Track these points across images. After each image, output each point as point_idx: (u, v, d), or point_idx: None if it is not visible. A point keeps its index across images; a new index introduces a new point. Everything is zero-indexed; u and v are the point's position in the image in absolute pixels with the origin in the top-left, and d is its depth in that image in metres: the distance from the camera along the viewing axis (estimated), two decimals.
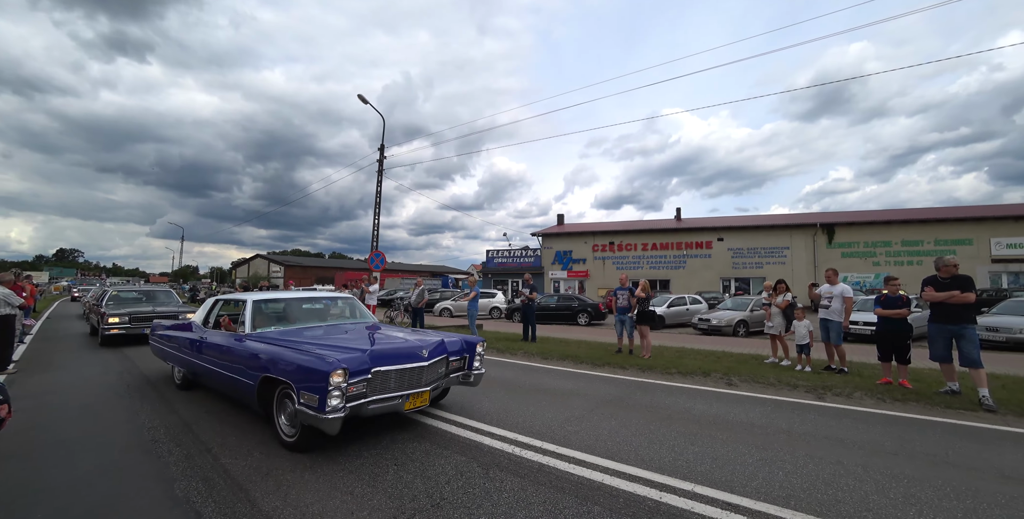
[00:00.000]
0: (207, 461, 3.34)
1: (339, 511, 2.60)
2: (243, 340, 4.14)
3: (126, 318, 9.42)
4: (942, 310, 5.12)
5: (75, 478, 3.08)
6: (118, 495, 2.82)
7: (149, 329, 9.25)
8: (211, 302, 5.37)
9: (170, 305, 11.10)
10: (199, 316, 5.31)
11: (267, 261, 61.40)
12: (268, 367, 3.57)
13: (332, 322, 5.05)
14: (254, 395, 3.71)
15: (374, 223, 17.48)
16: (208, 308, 5.28)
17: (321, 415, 3.05)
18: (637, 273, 28.43)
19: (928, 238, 24.07)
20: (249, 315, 4.43)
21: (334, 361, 3.18)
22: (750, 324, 12.95)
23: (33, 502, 2.74)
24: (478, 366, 4.44)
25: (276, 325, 4.62)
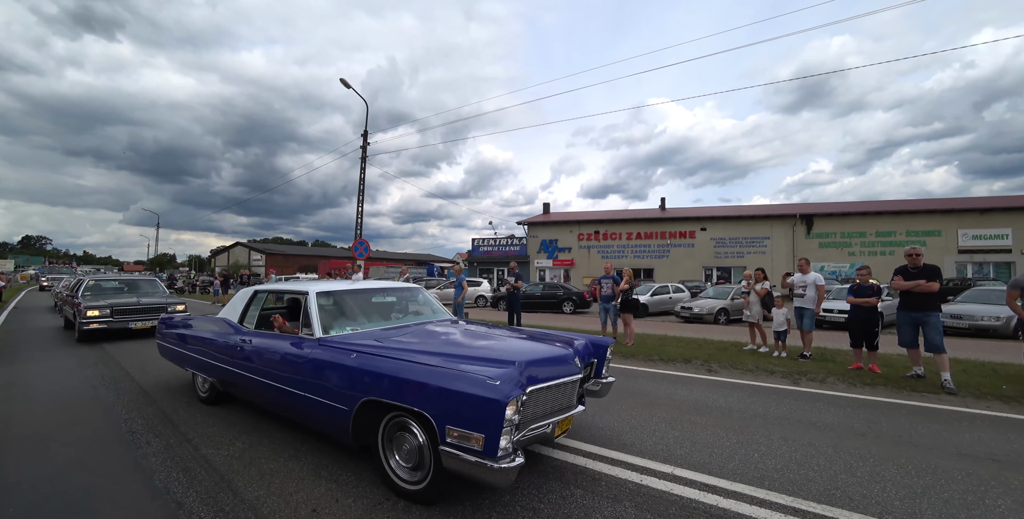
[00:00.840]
0: (187, 451, 3.30)
1: (324, 498, 2.61)
2: (319, 347, 3.16)
3: (107, 311, 8.42)
4: (909, 298, 5.34)
5: (49, 472, 3.00)
6: (95, 488, 2.77)
7: (148, 324, 8.46)
8: (247, 294, 4.34)
9: (156, 296, 10.06)
10: (232, 312, 4.30)
11: (248, 249, 59.95)
12: (373, 388, 2.64)
13: (417, 320, 4.03)
14: (347, 424, 2.77)
15: (358, 211, 17.19)
16: (246, 302, 4.25)
17: (490, 463, 2.14)
18: (622, 262, 28.74)
19: (900, 229, 24.88)
20: (316, 313, 3.42)
21: (505, 384, 2.25)
22: (731, 312, 13.28)
23: (4, 498, 2.67)
24: (605, 373, 3.57)
25: (352, 326, 3.58)
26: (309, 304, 3.51)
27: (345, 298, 3.99)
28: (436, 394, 2.38)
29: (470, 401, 2.24)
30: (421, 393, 2.43)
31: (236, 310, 4.28)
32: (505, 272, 31.25)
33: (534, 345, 3.14)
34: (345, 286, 4.19)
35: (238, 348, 3.80)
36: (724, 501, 2.55)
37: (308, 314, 3.47)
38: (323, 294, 3.72)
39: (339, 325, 3.54)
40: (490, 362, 2.59)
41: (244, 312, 4.21)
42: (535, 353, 2.90)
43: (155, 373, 5.82)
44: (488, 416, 2.18)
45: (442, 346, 3.12)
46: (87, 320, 8.16)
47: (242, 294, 4.44)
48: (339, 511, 2.48)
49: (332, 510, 2.49)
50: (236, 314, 4.24)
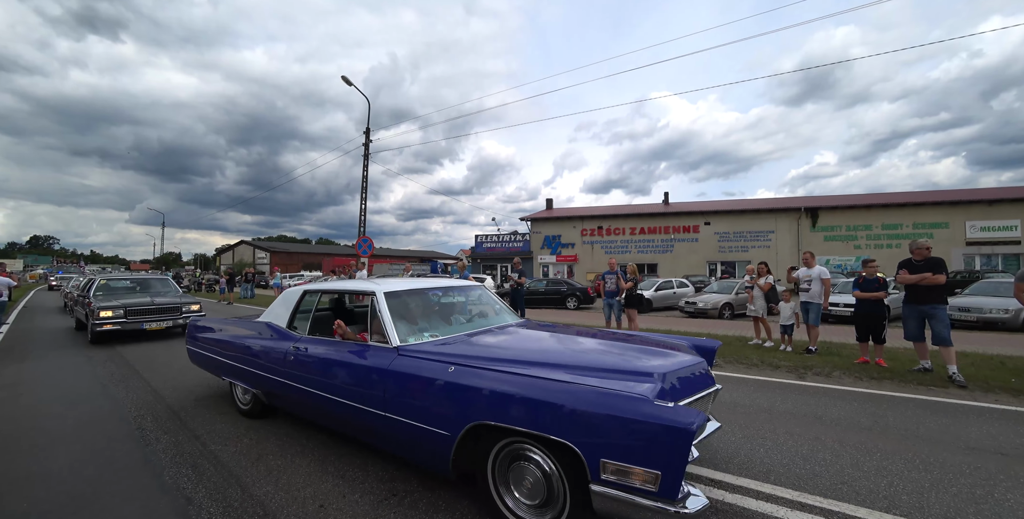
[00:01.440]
0: (196, 448, 3.33)
1: (331, 494, 2.63)
2: (400, 358, 2.71)
3: (120, 311, 8.08)
4: (915, 291, 5.29)
5: (59, 467, 3.05)
6: (105, 483, 2.81)
7: (163, 325, 8.30)
8: (295, 296, 3.85)
9: (169, 295, 9.69)
10: (278, 315, 3.85)
11: (252, 247, 60.31)
12: (486, 409, 2.18)
13: (490, 323, 3.55)
14: (446, 452, 2.31)
15: (361, 208, 17.21)
16: (294, 305, 3.77)
17: (673, 507, 1.72)
18: (625, 257, 28.66)
19: (907, 222, 24.64)
20: (389, 317, 2.98)
21: (682, 408, 1.86)
22: (735, 307, 13.23)
23: (14, 491, 2.71)
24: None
25: (429, 331, 3.15)
26: (379, 306, 3.04)
27: (416, 299, 3.50)
28: (583, 419, 1.90)
29: (640, 429, 1.77)
30: (559, 417, 1.96)
31: (283, 313, 3.81)
32: (508, 268, 31.25)
33: (663, 353, 2.71)
34: (410, 284, 3.63)
35: (290, 357, 3.32)
36: (730, 496, 2.55)
37: (380, 318, 3.00)
38: (392, 294, 3.22)
39: (416, 331, 3.10)
40: (623, 374, 2.22)
41: (293, 315, 3.74)
42: (673, 363, 2.48)
43: (163, 371, 5.88)
44: (669, 449, 1.71)
45: (551, 355, 2.70)
46: (100, 321, 7.91)
47: (288, 295, 3.96)
48: (346, 506, 2.50)
49: (339, 505, 2.51)
50: (283, 318, 3.77)
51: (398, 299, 3.26)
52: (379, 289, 3.20)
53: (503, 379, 2.26)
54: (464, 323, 3.54)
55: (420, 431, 2.44)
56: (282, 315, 3.83)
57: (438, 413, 2.39)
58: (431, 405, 2.43)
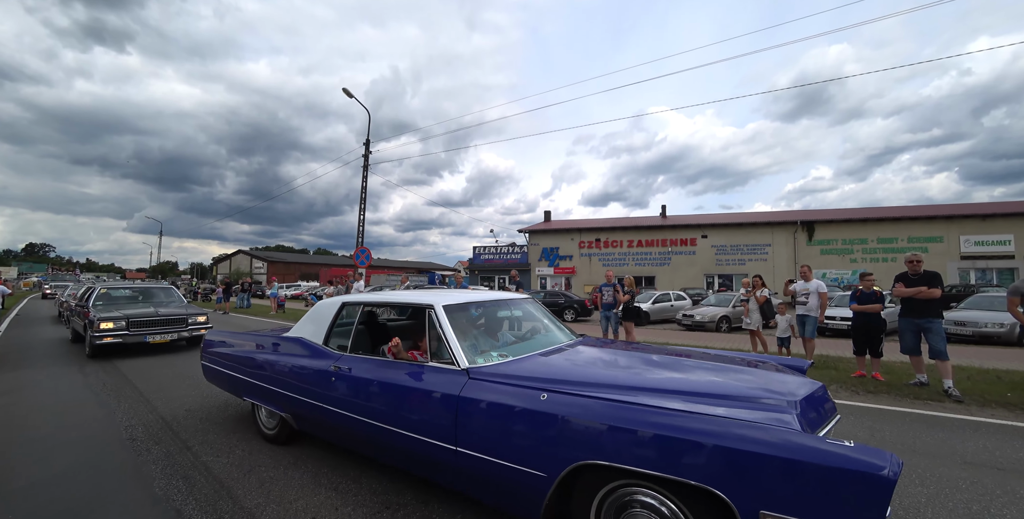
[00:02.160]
0: (188, 459, 3.29)
1: (324, 506, 2.60)
2: (472, 382, 2.34)
3: (122, 323, 7.44)
4: (911, 305, 5.33)
5: (49, 477, 3.00)
6: (95, 494, 2.77)
7: (167, 338, 7.75)
8: (331, 308, 3.41)
9: (173, 305, 9.04)
10: (312, 330, 3.43)
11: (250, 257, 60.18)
12: (596, 446, 1.84)
13: (553, 339, 3.17)
14: (539, 496, 1.98)
15: (359, 219, 17.28)
16: (331, 318, 3.34)
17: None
18: (623, 270, 28.71)
19: (902, 236, 24.85)
20: (453, 334, 2.63)
21: (868, 448, 1.52)
22: (732, 320, 13.22)
23: (6, 502, 2.66)
24: None
25: (497, 350, 2.80)
26: (440, 322, 2.68)
27: (475, 313, 3.15)
28: (732, 460, 1.56)
29: (819, 475, 1.43)
30: (699, 457, 1.62)
31: (317, 328, 3.39)
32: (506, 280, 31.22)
33: (782, 376, 2.42)
34: (466, 296, 3.19)
35: (331, 378, 2.94)
36: None
37: (441, 335, 2.64)
38: (452, 308, 2.84)
39: (481, 350, 2.74)
40: (755, 402, 1.91)
41: (330, 331, 3.31)
42: (802, 388, 2.15)
43: (157, 381, 5.82)
44: (863, 502, 1.37)
45: (656, 379, 2.32)
46: (100, 333, 7.27)
47: (323, 309, 3.51)
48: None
49: (332, 518, 2.47)
50: (318, 333, 3.35)
51: (458, 314, 2.88)
52: (437, 302, 2.80)
53: (615, 409, 1.89)
54: (526, 340, 3.17)
55: (503, 470, 2.06)
56: (316, 330, 3.37)
57: (529, 450, 2.01)
58: (519, 440, 2.05)
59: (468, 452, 2.20)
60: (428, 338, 2.77)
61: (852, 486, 1.39)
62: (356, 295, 3.65)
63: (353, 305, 3.38)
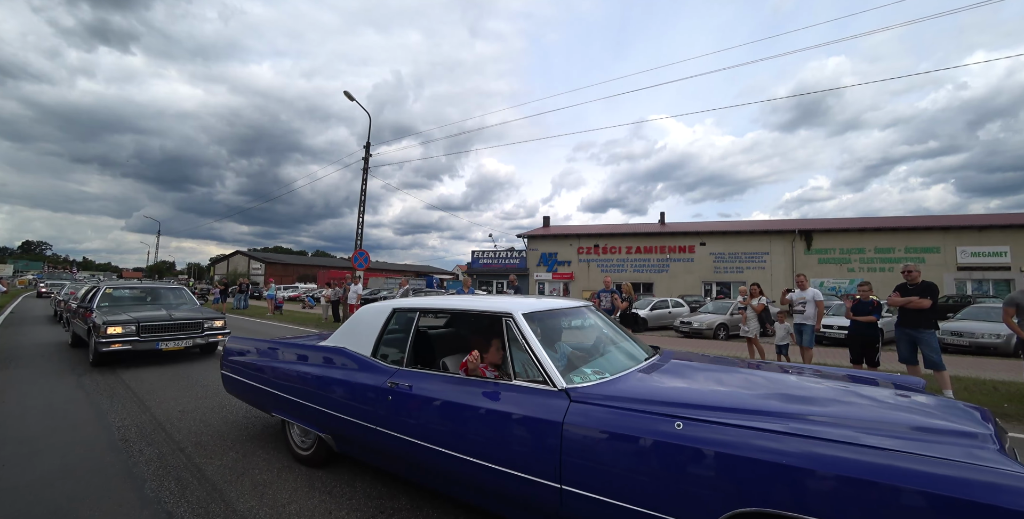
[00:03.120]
0: (180, 461, 3.26)
1: (317, 510, 2.57)
2: (576, 406, 1.99)
3: (132, 327, 6.56)
4: (905, 315, 5.36)
5: (37, 478, 2.97)
6: (84, 496, 2.73)
7: (181, 345, 6.81)
8: (382, 314, 2.99)
9: (184, 307, 8.10)
10: (357, 339, 3.01)
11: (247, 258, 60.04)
12: (766, 491, 1.51)
13: (636, 355, 2.80)
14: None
15: (358, 221, 17.28)
16: (381, 326, 2.92)
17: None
18: (621, 276, 28.73)
19: (899, 246, 24.95)
20: (541, 348, 2.26)
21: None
22: (730, 327, 13.21)
23: None
24: None
25: (590, 366, 2.44)
26: (523, 333, 2.31)
27: (557, 323, 2.81)
28: (954, 510, 1.24)
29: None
30: (907, 507, 1.30)
31: (363, 337, 2.98)
32: (504, 285, 31.19)
33: (935, 398, 2.13)
34: (544, 304, 2.76)
35: (386, 397, 2.55)
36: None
37: (527, 349, 2.26)
38: (534, 317, 2.47)
39: (575, 367, 2.39)
40: (946, 435, 1.57)
41: (379, 340, 2.91)
42: (978, 416, 1.85)
43: (151, 381, 5.77)
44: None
45: (804, 404, 1.88)
46: (107, 339, 6.35)
47: (369, 315, 3.09)
48: None
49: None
50: (365, 343, 2.94)
51: (542, 323, 2.52)
52: (516, 309, 2.43)
53: (786, 443, 1.53)
54: (604, 354, 2.75)
55: (632, 516, 1.70)
56: (362, 340, 2.97)
57: (664, 493, 1.65)
58: (649, 480, 1.69)
59: (579, 492, 1.82)
60: (507, 352, 2.36)
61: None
62: (409, 299, 3.16)
63: (406, 312, 2.94)
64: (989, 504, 1.21)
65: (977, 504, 1.22)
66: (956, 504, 1.24)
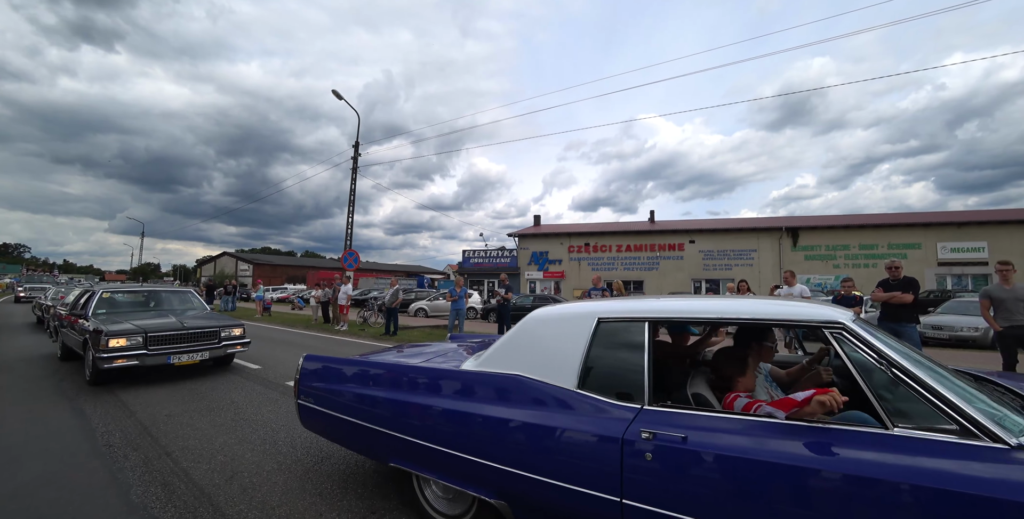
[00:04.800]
0: (167, 465, 3.20)
1: (308, 512, 2.55)
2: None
3: (139, 339, 5.57)
4: (888, 310, 5.49)
5: (17, 486, 2.89)
6: (67, 504, 2.67)
7: (196, 359, 5.85)
8: (581, 326, 2.15)
9: (192, 313, 7.05)
10: (544, 363, 2.16)
11: (235, 259, 59.11)
12: None
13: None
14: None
15: (348, 221, 17.13)
16: (586, 344, 2.08)
17: None
18: (612, 274, 28.90)
19: (882, 242, 25.49)
20: (931, 378, 1.53)
21: None
22: None
23: None
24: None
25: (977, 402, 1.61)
26: (882, 353, 1.59)
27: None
28: None
29: None
30: None
31: (554, 360, 2.12)
32: (496, 284, 31.16)
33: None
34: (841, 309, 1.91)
35: (641, 454, 1.70)
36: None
37: (905, 377, 1.53)
38: (864, 327, 1.76)
39: (991, 409, 1.56)
40: None
41: (586, 366, 2.03)
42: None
43: (134, 383, 5.65)
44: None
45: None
46: (110, 353, 5.35)
47: (556, 326, 2.25)
48: None
49: None
50: (561, 368, 2.08)
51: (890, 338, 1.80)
52: (843, 316, 1.73)
53: None
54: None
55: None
56: (554, 363, 2.10)
57: None
58: None
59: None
60: (868, 386, 1.54)
61: None
62: (619, 303, 2.26)
63: (628, 322, 2.05)
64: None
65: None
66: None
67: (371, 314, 14.81)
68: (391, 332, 11.22)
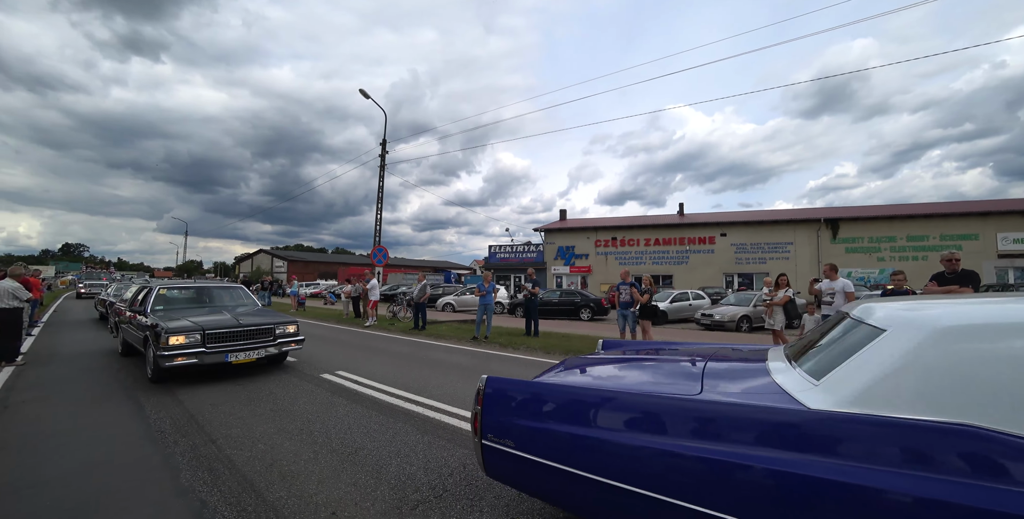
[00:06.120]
0: (212, 452, 3.37)
1: (343, 501, 2.63)
2: None
3: (197, 336, 5.48)
4: None
5: (78, 468, 3.11)
6: (122, 484, 2.86)
7: (252, 357, 5.70)
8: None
9: (242, 309, 6.96)
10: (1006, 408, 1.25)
11: (271, 256, 61.61)
12: None
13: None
14: None
15: (377, 218, 17.49)
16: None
17: None
18: (639, 268, 28.38)
19: (934, 233, 23.87)
20: None
21: None
22: (753, 319, 12.93)
23: (38, 492, 2.77)
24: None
25: None
26: None
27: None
28: None
29: None
30: None
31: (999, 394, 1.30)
32: (522, 279, 31.18)
33: None
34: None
35: None
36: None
37: None
38: None
39: None
40: None
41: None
42: None
43: (187, 375, 5.98)
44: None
45: None
46: (171, 351, 5.28)
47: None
48: (358, 514, 2.49)
49: (351, 513, 2.50)
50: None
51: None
52: None
53: None
54: None
55: None
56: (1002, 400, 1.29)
57: None
58: None
59: None
60: None
61: None
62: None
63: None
64: None
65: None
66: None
67: (400, 309, 15.13)
68: (420, 327, 11.41)
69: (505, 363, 7.08)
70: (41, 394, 5.10)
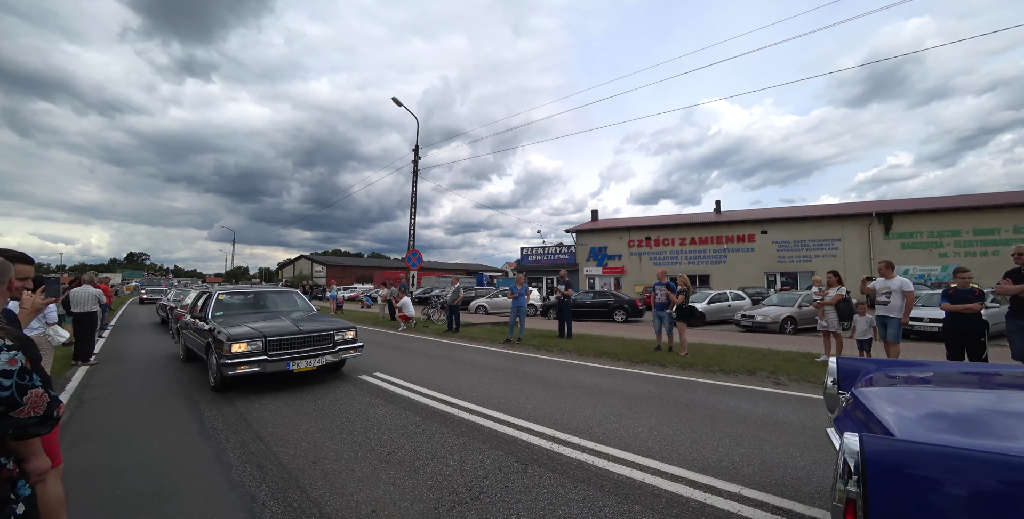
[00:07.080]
0: (260, 449, 3.54)
1: (383, 500, 2.69)
2: None
3: (259, 343, 5.26)
4: (1017, 304, 4.66)
5: (142, 460, 3.36)
6: (181, 477, 3.05)
7: (313, 365, 5.43)
8: None
9: (298, 315, 6.61)
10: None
11: (311, 261, 64.33)
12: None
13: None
14: None
15: (411, 223, 17.90)
16: None
17: None
18: (675, 268, 27.57)
19: (1006, 226, 21.79)
20: None
21: None
22: (799, 321, 12.26)
23: (110, 481, 3.00)
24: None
25: None
26: None
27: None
28: None
29: None
30: None
31: None
32: (555, 280, 31.03)
33: None
34: None
35: None
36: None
37: None
38: None
39: None
40: None
41: None
42: None
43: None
44: None
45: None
46: (234, 359, 5.08)
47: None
48: (397, 513, 2.54)
49: (390, 512, 2.55)
50: None
51: None
52: None
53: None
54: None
55: None
56: None
57: None
58: None
59: None
60: None
61: None
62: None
63: None
64: None
65: None
66: None
67: (434, 311, 15.41)
68: (454, 329, 11.56)
69: (539, 365, 7.05)
70: (111, 391, 5.55)
